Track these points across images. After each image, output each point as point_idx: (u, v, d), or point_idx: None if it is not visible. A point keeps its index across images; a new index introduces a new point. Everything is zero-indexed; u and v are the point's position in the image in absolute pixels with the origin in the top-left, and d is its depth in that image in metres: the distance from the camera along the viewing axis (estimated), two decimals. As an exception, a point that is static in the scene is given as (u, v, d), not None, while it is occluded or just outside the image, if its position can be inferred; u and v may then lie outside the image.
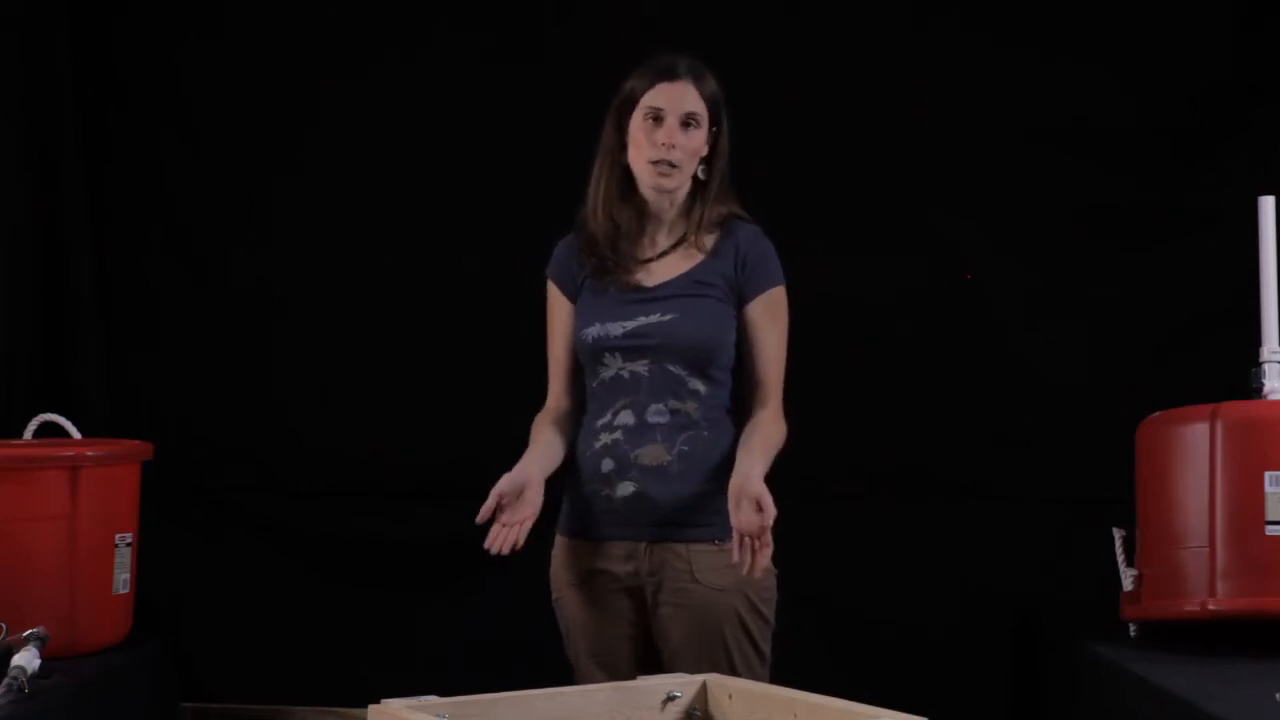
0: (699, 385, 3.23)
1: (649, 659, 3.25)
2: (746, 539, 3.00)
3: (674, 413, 3.22)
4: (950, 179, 4.42)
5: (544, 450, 3.26)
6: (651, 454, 3.21)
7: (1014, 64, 4.41)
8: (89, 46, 4.60)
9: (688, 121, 3.23)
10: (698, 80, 3.25)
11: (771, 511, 2.98)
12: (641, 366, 3.23)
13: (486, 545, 3.07)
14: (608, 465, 3.23)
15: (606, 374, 3.26)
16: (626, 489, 3.21)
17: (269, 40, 4.60)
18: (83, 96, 4.59)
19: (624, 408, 3.23)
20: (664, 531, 3.21)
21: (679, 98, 3.23)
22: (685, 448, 3.21)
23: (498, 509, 3.09)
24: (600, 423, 3.26)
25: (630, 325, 3.24)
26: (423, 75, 4.55)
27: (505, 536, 3.07)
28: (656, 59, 3.28)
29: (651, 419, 3.22)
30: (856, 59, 4.44)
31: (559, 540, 3.32)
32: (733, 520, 3.02)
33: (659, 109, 3.22)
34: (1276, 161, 4.18)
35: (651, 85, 3.24)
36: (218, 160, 4.61)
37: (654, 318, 3.23)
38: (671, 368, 3.22)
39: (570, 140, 3.43)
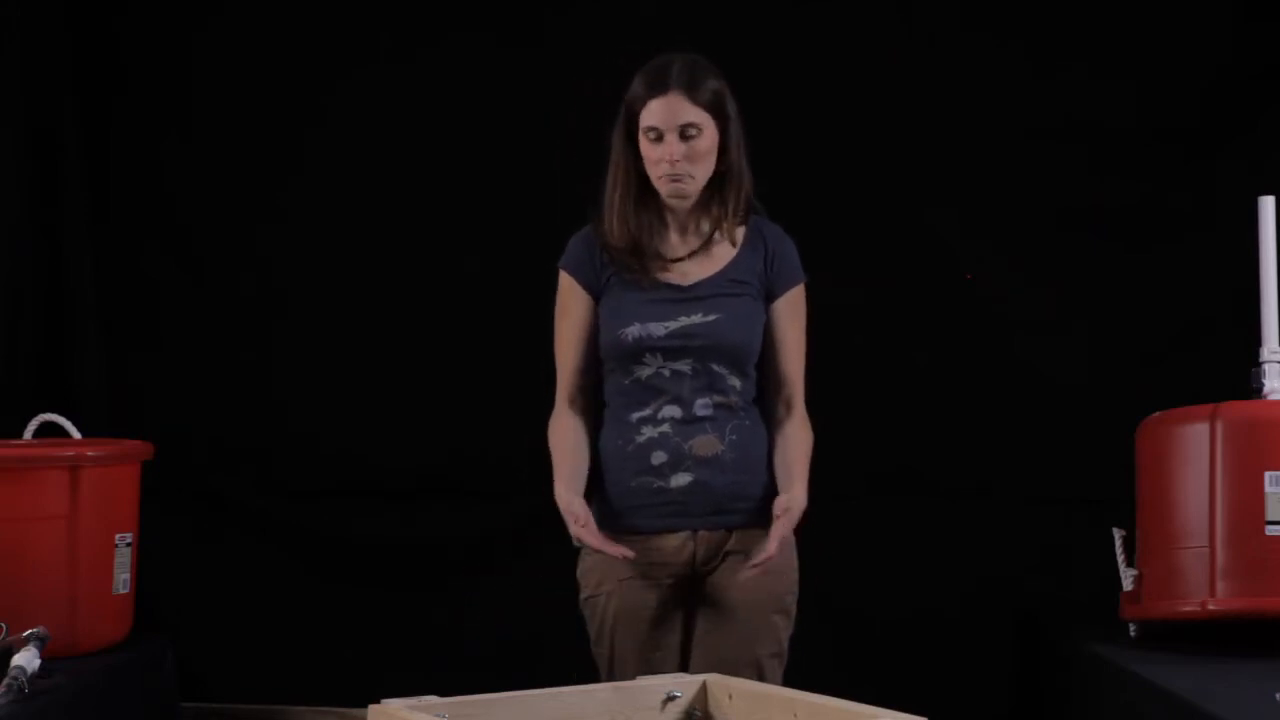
0: (737, 381, 3.26)
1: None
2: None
3: (718, 405, 3.24)
4: (950, 178, 4.42)
5: (576, 466, 3.26)
6: (705, 444, 3.23)
7: (1014, 64, 4.41)
8: (90, 47, 4.60)
9: (686, 133, 3.20)
10: (690, 88, 3.19)
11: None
12: (684, 365, 3.24)
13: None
14: (659, 457, 3.23)
15: (644, 373, 3.25)
16: (682, 479, 3.22)
17: (270, 40, 4.60)
18: (83, 97, 4.59)
19: (668, 402, 3.24)
20: (719, 519, 3.24)
21: (672, 113, 3.19)
22: (734, 437, 3.24)
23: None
24: (639, 416, 3.25)
25: (673, 326, 3.24)
26: (423, 75, 4.54)
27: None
28: (650, 67, 3.24)
29: (700, 412, 3.23)
30: (856, 58, 4.43)
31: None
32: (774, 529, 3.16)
33: (655, 128, 3.20)
34: (1276, 161, 4.18)
35: (645, 103, 3.20)
36: (218, 160, 4.61)
37: (696, 318, 3.24)
38: (715, 366, 3.24)
39: (573, 140, 3.43)
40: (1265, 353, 3.69)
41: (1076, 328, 4.42)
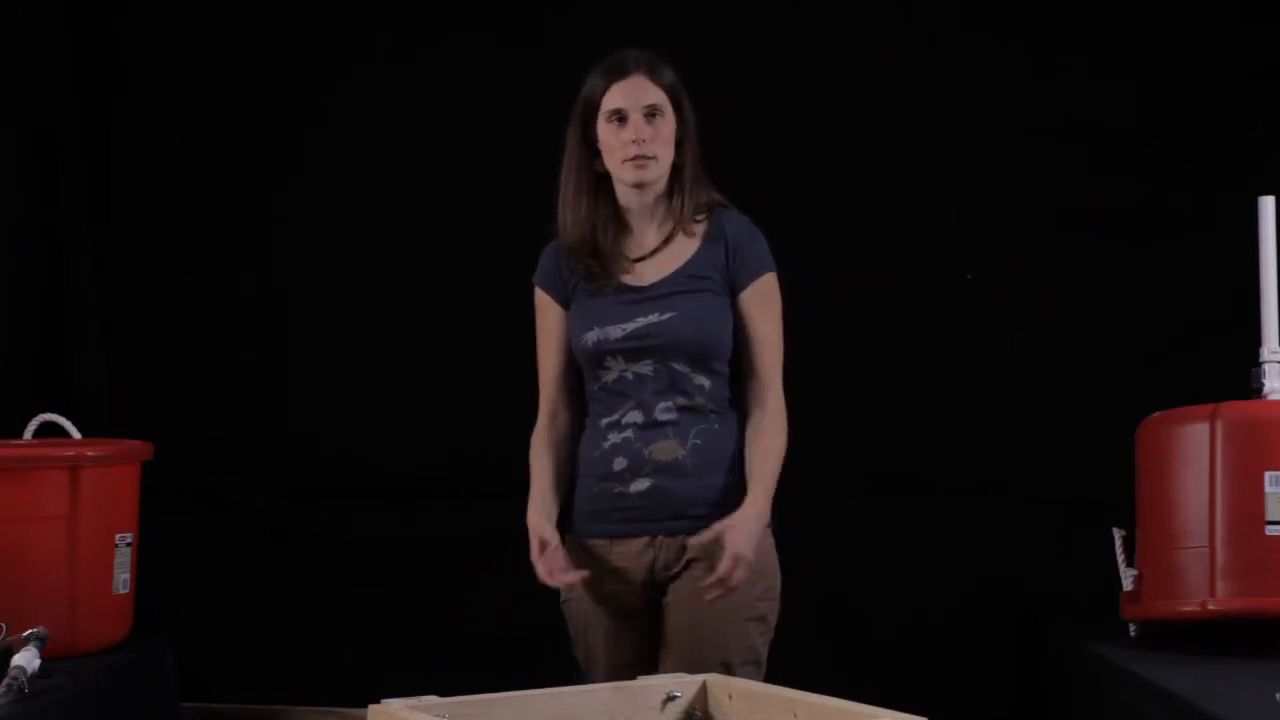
0: (704, 380, 3.23)
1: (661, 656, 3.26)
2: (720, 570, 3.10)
3: (682, 409, 3.22)
4: (949, 178, 4.42)
5: (548, 492, 3.27)
6: (665, 449, 3.21)
7: (1014, 64, 4.41)
8: (90, 47, 4.60)
9: (651, 113, 3.22)
10: (651, 72, 3.24)
11: (740, 569, 3.08)
12: (646, 367, 3.22)
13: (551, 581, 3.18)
14: (620, 463, 3.22)
15: (609, 377, 3.24)
16: (641, 485, 3.21)
17: (270, 40, 4.60)
18: (83, 97, 4.59)
19: (632, 408, 3.23)
20: (679, 525, 3.21)
21: (636, 93, 3.22)
22: (698, 441, 3.21)
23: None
24: (606, 422, 3.25)
25: (629, 327, 3.22)
26: (423, 75, 4.55)
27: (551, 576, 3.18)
28: (607, 59, 3.27)
29: (661, 416, 3.21)
30: (856, 58, 4.43)
31: (569, 541, 3.31)
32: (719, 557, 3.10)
33: (619, 109, 3.21)
34: (1276, 161, 4.18)
35: (606, 88, 3.23)
36: (218, 160, 4.61)
37: (653, 317, 3.22)
38: (676, 365, 3.22)
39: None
40: (1265, 353, 3.69)
41: (1076, 328, 4.42)
